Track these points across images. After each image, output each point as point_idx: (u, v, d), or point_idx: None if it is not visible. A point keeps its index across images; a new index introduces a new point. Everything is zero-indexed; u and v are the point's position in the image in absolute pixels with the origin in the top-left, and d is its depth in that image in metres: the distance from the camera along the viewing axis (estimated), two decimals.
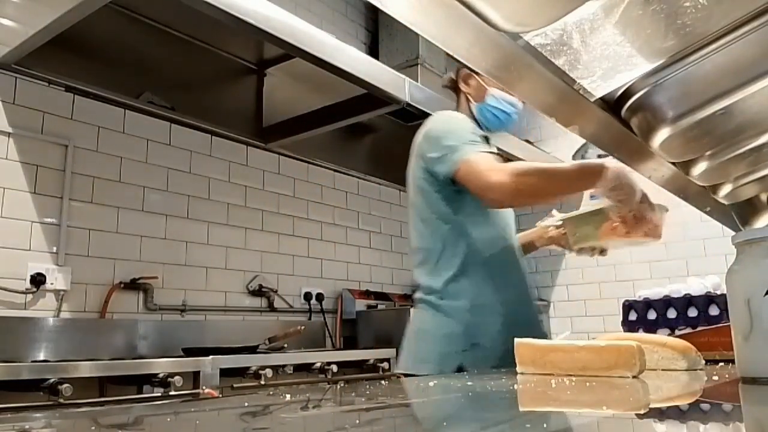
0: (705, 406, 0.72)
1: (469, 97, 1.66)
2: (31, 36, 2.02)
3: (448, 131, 1.53)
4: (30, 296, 2.24)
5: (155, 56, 2.66)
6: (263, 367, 2.15)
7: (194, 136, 2.88)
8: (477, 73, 1.63)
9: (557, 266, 4.07)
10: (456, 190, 1.49)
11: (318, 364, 2.37)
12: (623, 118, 0.99)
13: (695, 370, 1.02)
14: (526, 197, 1.48)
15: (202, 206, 2.87)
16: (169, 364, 1.91)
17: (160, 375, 1.84)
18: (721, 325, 1.38)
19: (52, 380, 1.62)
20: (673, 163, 1.16)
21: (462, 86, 1.67)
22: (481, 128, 1.62)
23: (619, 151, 1.17)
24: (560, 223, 1.62)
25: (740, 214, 1.42)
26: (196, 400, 1.85)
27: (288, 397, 0.85)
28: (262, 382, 2.13)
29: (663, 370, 1.06)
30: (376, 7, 0.64)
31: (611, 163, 1.32)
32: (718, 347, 1.32)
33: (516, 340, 1.04)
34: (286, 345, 2.59)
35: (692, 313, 1.49)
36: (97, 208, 2.48)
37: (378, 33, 3.89)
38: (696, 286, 1.53)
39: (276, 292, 3.13)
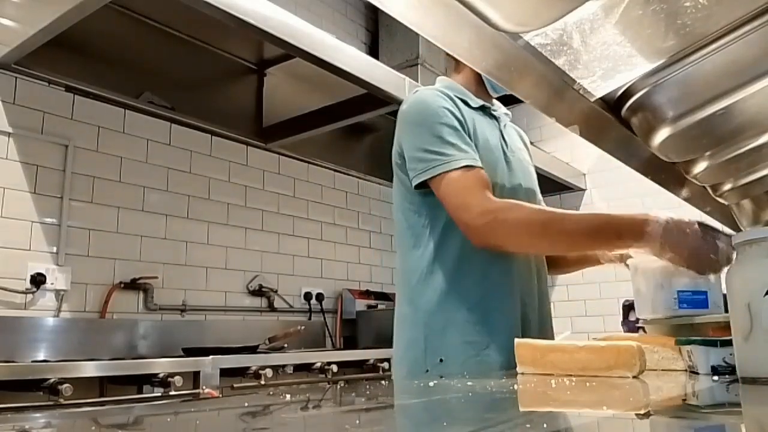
0: (705, 407, 0.72)
1: None
2: (31, 36, 2.02)
3: (418, 121, 1.27)
4: (30, 296, 2.24)
5: (155, 56, 2.66)
6: (263, 367, 2.15)
7: (194, 136, 2.88)
8: None
9: None
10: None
11: (318, 364, 2.37)
12: (623, 118, 0.99)
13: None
14: (511, 248, 1.23)
15: (202, 206, 2.87)
16: (169, 364, 1.91)
17: (160, 375, 1.84)
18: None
19: (52, 380, 1.62)
20: (673, 163, 1.16)
21: None
22: (485, 89, 1.39)
23: (619, 151, 1.17)
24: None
25: (740, 214, 1.42)
26: (196, 400, 1.85)
27: (288, 397, 0.85)
28: (262, 382, 2.13)
29: (663, 370, 1.06)
30: (376, 7, 0.64)
31: (657, 217, 1.09)
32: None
33: (516, 340, 1.04)
34: (286, 345, 2.59)
35: None
36: (97, 208, 2.48)
37: (378, 33, 3.89)
38: None
39: (276, 292, 3.13)
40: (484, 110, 1.38)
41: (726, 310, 0.98)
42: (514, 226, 1.17)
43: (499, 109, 1.46)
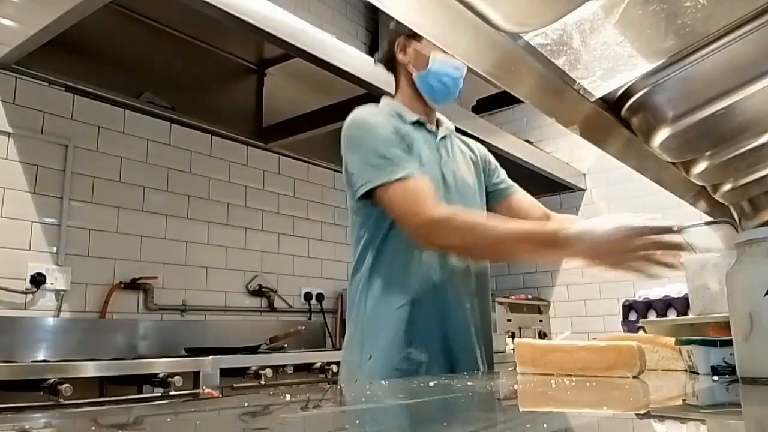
0: (705, 407, 0.72)
1: (410, 68, 1.43)
2: (31, 36, 2.02)
3: (359, 137, 1.35)
4: (30, 296, 2.24)
5: (155, 56, 2.66)
6: (263, 367, 2.15)
7: (194, 136, 2.88)
8: (415, 37, 1.40)
9: (557, 266, 4.07)
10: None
11: (318, 364, 2.37)
12: (623, 118, 0.99)
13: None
14: (452, 253, 1.32)
15: (202, 206, 2.87)
16: (169, 364, 1.91)
17: (160, 375, 1.84)
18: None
19: (52, 380, 1.62)
20: (673, 163, 1.16)
21: (400, 57, 1.44)
22: (426, 102, 1.45)
23: (618, 151, 1.17)
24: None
25: (740, 214, 1.42)
26: (196, 400, 1.85)
27: (288, 397, 0.85)
28: (262, 382, 2.12)
29: (663, 370, 1.06)
30: (376, 7, 0.64)
31: (568, 228, 1.13)
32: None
33: (516, 340, 1.04)
34: (286, 345, 2.59)
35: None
36: (97, 208, 2.48)
37: (378, 33, 3.89)
38: None
39: (276, 292, 3.13)
40: (419, 125, 1.43)
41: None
42: (452, 234, 1.24)
43: (444, 123, 1.51)
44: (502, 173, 1.61)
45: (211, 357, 2.04)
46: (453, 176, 1.42)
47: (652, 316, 1.96)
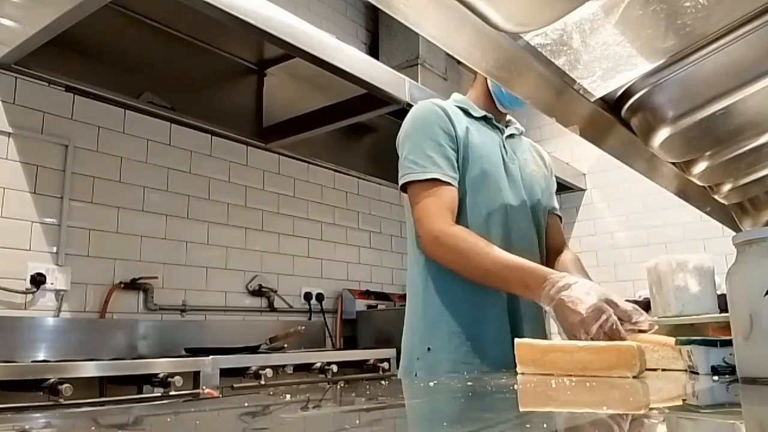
0: (705, 407, 0.72)
1: None
2: (31, 36, 2.02)
3: (409, 132, 1.39)
4: (30, 296, 2.24)
5: (155, 56, 2.66)
6: (263, 367, 2.15)
7: (194, 136, 2.88)
8: None
9: None
10: None
11: (318, 364, 2.37)
12: (623, 118, 0.99)
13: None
14: (444, 265, 1.32)
15: (202, 206, 2.87)
16: (169, 364, 1.91)
17: (160, 375, 1.84)
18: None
19: (52, 380, 1.62)
20: (673, 163, 1.16)
21: None
22: (496, 105, 1.48)
23: (618, 151, 1.17)
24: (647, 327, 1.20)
25: (740, 214, 1.42)
26: (196, 400, 1.85)
27: (288, 397, 0.85)
28: (262, 382, 2.13)
29: (663, 370, 1.06)
30: (376, 7, 0.64)
31: (557, 281, 1.13)
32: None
33: (516, 340, 1.04)
34: (286, 345, 2.59)
35: None
36: (97, 208, 2.48)
37: (378, 33, 3.89)
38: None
39: (276, 292, 3.13)
40: (486, 120, 1.47)
41: (726, 310, 0.98)
42: (447, 253, 1.29)
43: (514, 123, 1.56)
44: (553, 186, 1.62)
45: (211, 357, 2.04)
46: (520, 171, 1.46)
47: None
